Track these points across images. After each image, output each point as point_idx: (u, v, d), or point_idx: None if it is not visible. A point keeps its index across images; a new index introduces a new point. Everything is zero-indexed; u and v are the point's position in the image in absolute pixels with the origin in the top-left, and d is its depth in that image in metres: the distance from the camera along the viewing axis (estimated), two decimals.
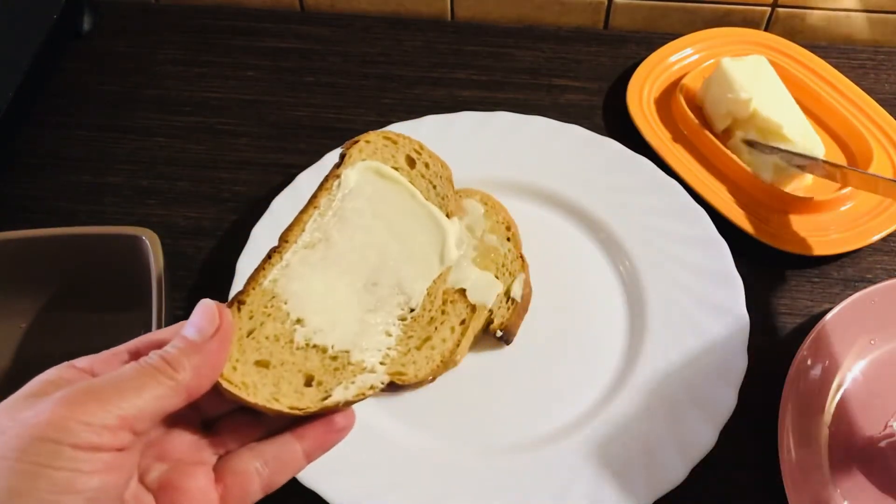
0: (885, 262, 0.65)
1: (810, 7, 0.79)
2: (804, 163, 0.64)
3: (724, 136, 0.69)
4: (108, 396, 0.30)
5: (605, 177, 0.65)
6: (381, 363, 0.40)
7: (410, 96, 0.76)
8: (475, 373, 0.55)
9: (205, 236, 0.66)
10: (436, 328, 0.44)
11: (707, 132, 0.68)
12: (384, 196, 0.46)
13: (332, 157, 0.65)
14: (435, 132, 0.65)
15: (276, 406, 0.36)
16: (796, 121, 0.66)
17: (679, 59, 0.76)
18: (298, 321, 0.39)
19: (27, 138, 0.73)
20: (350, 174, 0.45)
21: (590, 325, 0.59)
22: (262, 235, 0.60)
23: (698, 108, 0.71)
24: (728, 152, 0.66)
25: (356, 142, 0.47)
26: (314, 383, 0.38)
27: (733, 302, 0.57)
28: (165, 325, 0.50)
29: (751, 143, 0.67)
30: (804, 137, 0.65)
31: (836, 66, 0.77)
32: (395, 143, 0.48)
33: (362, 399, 0.38)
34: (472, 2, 0.82)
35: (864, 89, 0.75)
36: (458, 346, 0.44)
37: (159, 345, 0.35)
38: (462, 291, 0.47)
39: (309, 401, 0.37)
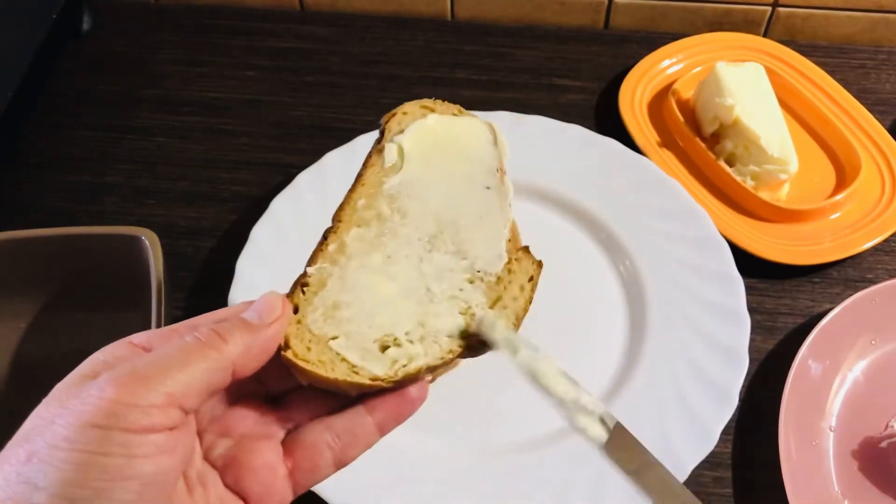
0: (886, 263, 0.65)
1: (810, 7, 0.79)
2: None
3: (713, 140, 0.69)
4: (153, 375, 0.29)
5: (605, 177, 0.65)
6: (457, 325, 0.39)
7: (410, 96, 0.75)
8: (475, 373, 0.55)
9: (204, 236, 0.66)
10: (505, 287, 0.41)
11: (696, 138, 0.68)
12: (436, 159, 0.44)
13: (332, 156, 0.65)
14: None
15: (356, 379, 0.35)
16: (776, 134, 0.66)
17: (675, 62, 0.76)
18: (364, 297, 0.38)
19: (27, 138, 0.73)
20: (391, 147, 0.44)
21: (590, 325, 0.59)
22: (262, 235, 0.60)
23: (691, 114, 0.71)
24: (716, 159, 0.67)
25: (394, 114, 0.46)
26: (393, 353, 0.37)
27: (734, 302, 0.57)
28: (165, 325, 0.50)
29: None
30: (781, 151, 0.65)
31: (836, 66, 0.77)
32: (432, 109, 0.47)
33: (442, 363, 0.38)
34: (472, 2, 0.82)
35: (864, 89, 0.75)
36: (529, 302, 0.42)
37: (220, 320, 0.34)
38: (526, 249, 0.44)
39: (389, 370, 0.36)
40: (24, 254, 0.55)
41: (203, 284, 0.63)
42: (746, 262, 0.61)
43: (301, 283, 0.38)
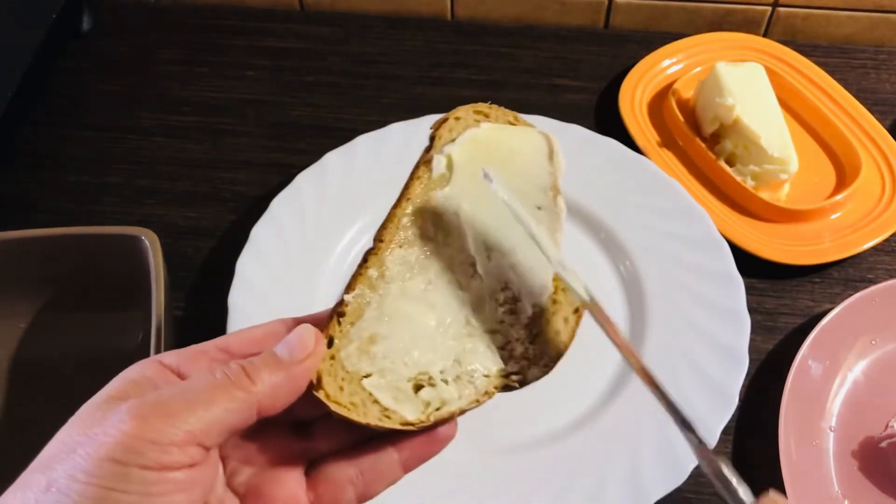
0: (886, 263, 0.65)
1: (811, 7, 0.79)
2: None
3: (713, 140, 0.69)
4: (176, 411, 0.29)
5: (605, 176, 0.65)
6: (494, 365, 0.37)
7: (410, 96, 0.76)
8: None
9: (204, 236, 0.66)
10: (547, 320, 0.38)
11: (696, 138, 0.68)
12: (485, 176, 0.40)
13: (332, 156, 0.65)
14: None
15: (387, 424, 0.34)
16: (777, 134, 0.66)
17: (675, 62, 0.76)
18: (401, 329, 0.36)
19: (27, 138, 0.73)
20: (440, 158, 0.40)
21: (590, 325, 0.59)
22: (262, 235, 0.60)
23: (691, 113, 0.71)
24: (716, 159, 0.67)
25: (445, 119, 0.42)
26: (426, 394, 0.35)
27: (734, 302, 0.57)
28: (165, 326, 0.50)
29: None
30: (781, 151, 0.65)
31: (836, 66, 0.77)
32: (486, 115, 0.42)
33: (476, 406, 0.36)
34: (472, 1, 0.82)
35: (864, 89, 0.75)
36: (572, 338, 0.39)
37: (252, 341, 0.34)
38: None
39: (421, 414, 0.34)
40: (24, 254, 0.55)
41: (203, 284, 0.63)
42: (746, 262, 0.61)
43: (337, 312, 0.36)
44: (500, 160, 0.40)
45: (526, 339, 0.38)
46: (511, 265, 0.38)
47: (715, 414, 0.52)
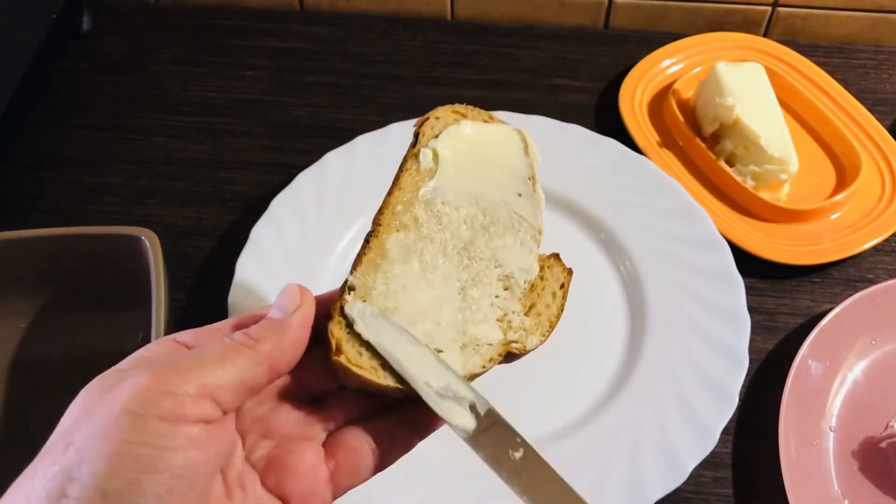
0: (886, 263, 0.65)
1: (810, 7, 0.79)
2: None
3: (712, 140, 0.69)
4: (189, 367, 0.30)
5: (605, 176, 0.65)
6: (496, 334, 0.40)
7: (410, 96, 0.76)
8: None
9: (205, 236, 0.66)
10: (538, 294, 0.43)
11: (696, 138, 0.68)
12: (470, 165, 0.44)
13: (332, 156, 0.65)
14: None
15: (405, 387, 0.35)
16: (777, 134, 0.66)
17: (675, 62, 0.76)
18: (407, 303, 0.39)
19: (27, 138, 0.73)
20: (426, 152, 0.44)
21: (590, 325, 0.59)
22: (262, 235, 0.60)
23: (691, 114, 0.71)
24: (716, 159, 0.66)
25: (426, 118, 0.46)
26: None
27: (734, 302, 0.57)
28: (165, 326, 0.50)
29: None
30: (781, 151, 0.65)
31: (836, 66, 0.77)
32: (464, 115, 0.47)
33: (483, 373, 0.39)
34: (472, 1, 0.82)
35: (864, 89, 0.75)
36: (561, 309, 0.45)
37: (261, 318, 0.35)
38: (556, 256, 0.47)
39: None
40: (24, 254, 0.55)
41: (203, 284, 0.63)
42: (746, 262, 0.61)
43: (347, 287, 0.38)
44: (481, 153, 0.45)
45: (521, 312, 0.42)
46: (500, 246, 0.42)
47: (715, 414, 0.52)
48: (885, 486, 0.52)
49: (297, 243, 0.61)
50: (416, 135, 0.45)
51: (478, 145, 0.45)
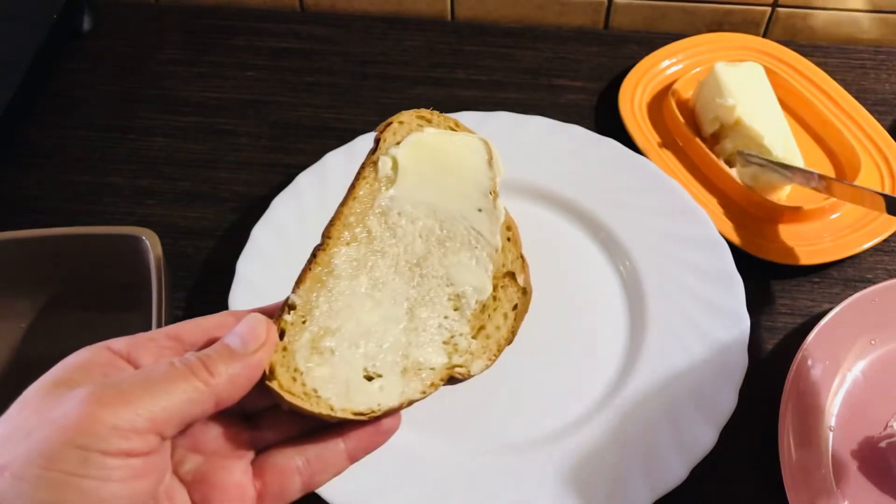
0: (886, 263, 0.65)
1: (811, 7, 0.79)
2: (793, 175, 0.63)
3: (712, 140, 0.69)
4: (137, 397, 0.28)
5: (605, 177, 0.65)
6: (439, 359, 0.39)
7: (410, 96, 0.76)
8: None
9: (205, 236, 0.66)
10: (489, 316, 0.41)
11: (696, 138, 0.68)
12: (430, 175, 0.43)
13: (332, 157, 0.65)
14: None
15: (339, 414, 0.35)
16: (779, 132, 0.66)
17: (674, 62, 0.76)
18: (350, 323, 0.38)
19: (27, 138, 0.73)
20: (386, 160, 0.42)
21: (590, 325, 0.59)
22: (262, 236, 0.60)
23: (691, 114, 0.71)
24: (716, 160, 0.66)
25: (389, 123, 0.45)
26: (376, 385, 0.37)
27: (734, 302, 0.57)
28: (166, 326, 0.50)
29: (741, 154, 0.66)
30: (785, 150, 0.65)
31: (836, 67, 0.77)
32: (429, 121, 0.45)
33: (423, 398, 0.37)
34: (472, 2, 0.82)
35: (864, 89, 0.75)
36: (513, 332, 0.42)
37: (203, 331, 0.34)
38: (512, 275, 0.44)
39: (371, 405, 0.36)
40: (24, 254, 0.55)
41: (203, 284, 0.63)
42: (746, 262, 0.61)
43: (288, 304, 0.37)
44: (443, 164, 0.43)
45: (469, 334, 0.40)
46: (454, 263, 0.41)
47: (714, 414, 0.53)
48: (885, 485, 0.52)
49: (297, 243, 0.60)
50: (377, 140, 0.44)
51: (440, 154, 0.43)
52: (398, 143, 0.43)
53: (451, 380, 0.39)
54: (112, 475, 0.27)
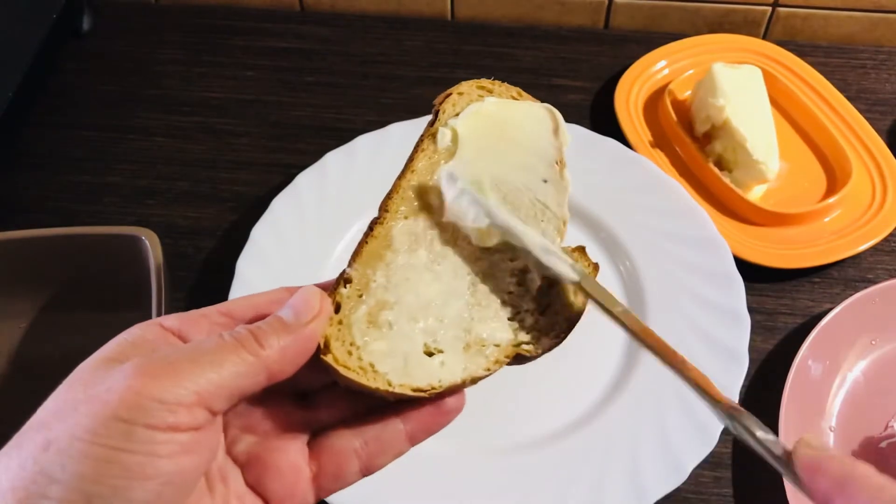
0: (886, 263, 0.65)
1: (810, 7, 0.79)
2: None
3: (704, 140, 0.69)
4: (184, 370, 0.27)
5: (605, 176, 0.65)
6: (504, 335, 0.36)
7: (410, 96, 0.76)
8: None
9: (205, 236, 0.66)
10: (557, 292, 0.38)
11: (688, 139, 0.68)
12: (492, 146, 0.40)
13: (332, 156, 0.65)
14: None
15: (397, 390, 0.33)
16: (764, 137, 0.66)
17: (672, 63, 0.76)
18: (409, 296, 0.36)
19: (27, 138, 0.73)
20: (445, 131, 0.40)
21: (590, 325, 0.59)
22: (262, 235, 0.60)
23: (687, 113, 0.71)
24: (706, 162, 0.66)
25: (448, 94, 0.42)
26: (437, 361, 0.35)
27: (734, 302, 0.57)
28: None
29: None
30: (766, 156, 0.65)
31: (836, 66, 0.77)
32: (490, 91, 0.43)
33: (487, 375, 0.35)
34: (472, 1, 0.82)
35: (864, 89, 0.75)
36: (584, 308, 0.39)
37: (255, 307, 0.33)
38: (582, 249, 0.41)
39: (432, 380, 0.34)
40: (24, 254, 0.55)
41: (203, 284, 0.63)
42: (745, 263, 0.61)
43: (344, 278, 0.35)
44: (505, 133, 0.40)
45: (536, 311, 0.37)
46: (518, 237, 0.37)
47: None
48: None
49: (297, 243, 0.61)
50: (436, 112, 0.41)
51: (502, 124, 0.41)
52: (457, 115, 0.41)
53: (519, 358, 0.37)
54: (158, 450, 0.26)
